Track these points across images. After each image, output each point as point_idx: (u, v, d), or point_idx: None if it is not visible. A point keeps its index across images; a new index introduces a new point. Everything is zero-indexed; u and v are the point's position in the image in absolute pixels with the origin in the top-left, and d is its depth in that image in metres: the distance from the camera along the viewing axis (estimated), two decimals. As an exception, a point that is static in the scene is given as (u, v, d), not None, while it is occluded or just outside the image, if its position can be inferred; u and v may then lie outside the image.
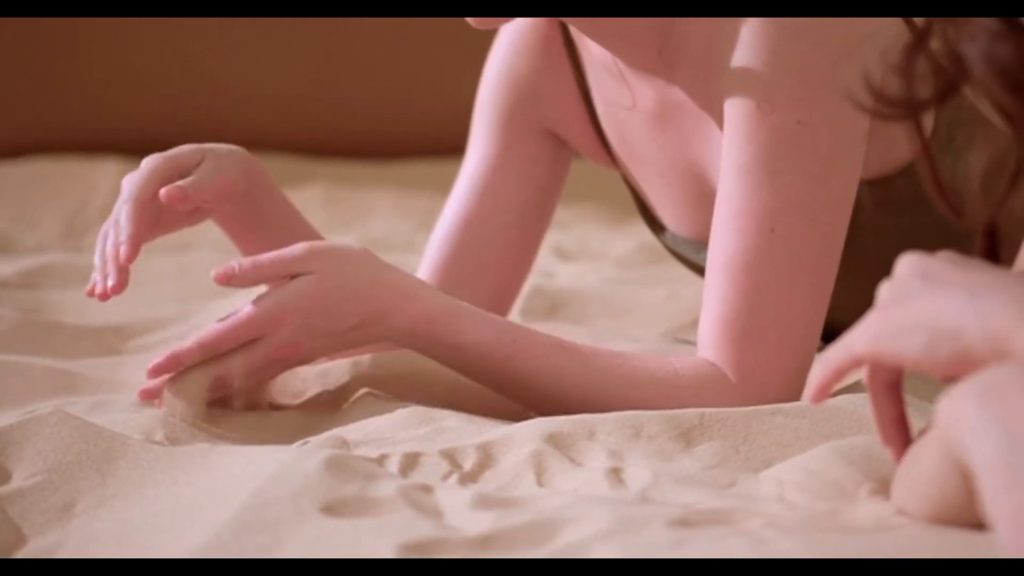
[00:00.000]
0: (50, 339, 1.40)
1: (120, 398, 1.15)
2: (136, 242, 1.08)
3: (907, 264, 0.68)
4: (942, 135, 1.18)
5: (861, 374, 0.75)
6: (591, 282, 1.80)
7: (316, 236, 1.24)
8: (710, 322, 1.08)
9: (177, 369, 1.04)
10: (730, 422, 0.95)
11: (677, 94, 1.15)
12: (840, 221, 1.09)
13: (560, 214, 2.50)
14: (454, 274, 1.30)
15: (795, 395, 1.07)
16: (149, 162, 1.12)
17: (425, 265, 1.32)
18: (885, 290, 0.68)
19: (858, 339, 0.68)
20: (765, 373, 1.06)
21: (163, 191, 1.09)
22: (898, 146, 1.18)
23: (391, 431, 0.96)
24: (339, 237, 2.31)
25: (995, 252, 0.75)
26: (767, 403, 1.02)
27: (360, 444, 0.94)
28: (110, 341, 1.40)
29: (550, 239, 2.24)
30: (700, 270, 1.27)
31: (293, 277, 1.03)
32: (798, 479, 0.84)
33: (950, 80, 0.72)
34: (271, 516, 0.74)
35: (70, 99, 2.78)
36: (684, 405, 1.01)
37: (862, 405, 0.96)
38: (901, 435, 0.74)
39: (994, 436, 0.58)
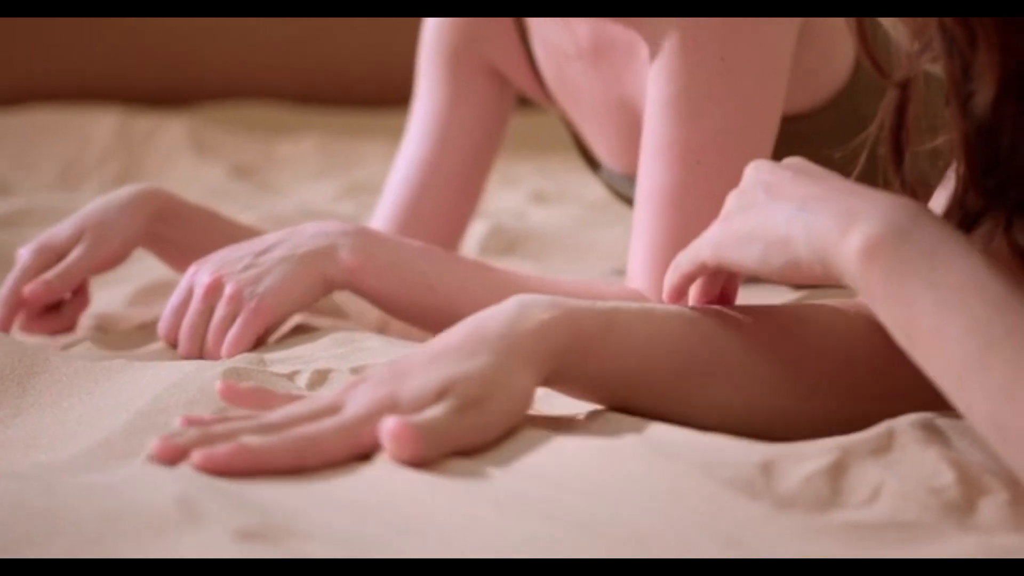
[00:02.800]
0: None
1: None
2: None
3: (752, 173, 0.72)
4: None
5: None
6: (558, 223, 1.84)
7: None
8: (638, 253, 1.11)
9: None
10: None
11: (610, 30, 1.18)
12: (763, 154, 1.12)
13: (546, 161, 2.54)
14: (410, 217, 1.33)
15: None
16: (24, 255, 1.12)
17: (382, 209, 1.35)
18: (731, 199, 0.72)
19: (703, 246, 0.72)
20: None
21: (26, 288, 1.10)
22: (823, 80, 1.21)
23: (311, 352, 1.00)
24: (327, 184, 2.35)
25: (904, 106, 0.78)
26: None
27: (277, 363, 0.98)
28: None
29: (531, 184, 2.27)
30: (635, 205, 1.31)
31: None
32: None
33: None
34: (160, 420, 0.78)
35: (69, 49, 2.82)
36: None
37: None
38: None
39: None
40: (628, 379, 0.75)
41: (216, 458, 0.65)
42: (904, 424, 0.68)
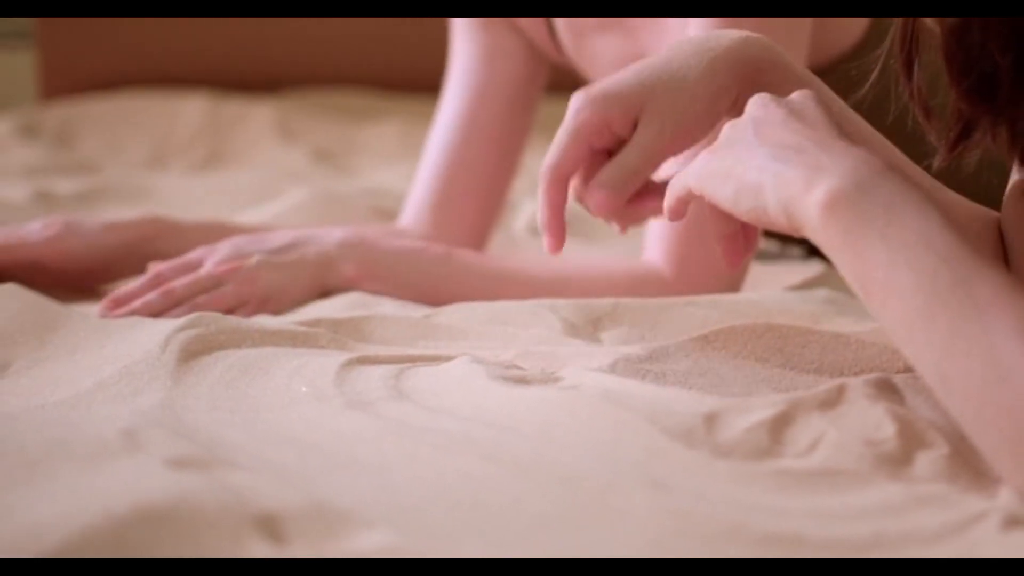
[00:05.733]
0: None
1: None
2: None
3: (750, 106, 0.73)
4: None
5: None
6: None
7: None
8: (655, 223, 1.12)
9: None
10: (642, 311, 0.99)
11: None
12: None
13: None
14: (449, 175, 1.35)
15: (731, 288, 1.12)
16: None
17: (426, 165, 1.37)
18: (726, 129, 0.73)
19: (691, 174, 0.73)
20: (701, 268, 1.10)
21: None
22: (834, 37, 1.22)
23: (324, 312, 1.02)
24: (402, 167, 2.37)
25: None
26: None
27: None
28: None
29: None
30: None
31: None
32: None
33: None
34: (156, 366, 0.81)
35: (160, 36, 2.88)
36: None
37: (770, 298, 1.00)
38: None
39: None
40: None
41: None
42: (858, 381, 0.68)
